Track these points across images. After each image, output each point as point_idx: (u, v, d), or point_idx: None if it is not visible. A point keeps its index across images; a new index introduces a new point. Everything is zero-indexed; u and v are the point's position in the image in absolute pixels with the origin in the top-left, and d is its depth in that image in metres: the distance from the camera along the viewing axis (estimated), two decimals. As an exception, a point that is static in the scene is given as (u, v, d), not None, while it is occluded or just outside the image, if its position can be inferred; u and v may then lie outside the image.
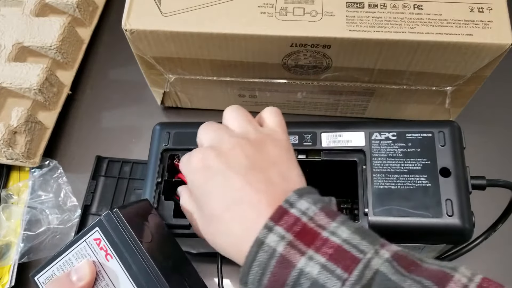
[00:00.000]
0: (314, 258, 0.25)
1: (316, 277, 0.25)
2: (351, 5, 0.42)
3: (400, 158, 0.34)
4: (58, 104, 0.56)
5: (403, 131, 0.35)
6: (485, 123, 0.54)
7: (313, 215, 0.27)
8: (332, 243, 0.26)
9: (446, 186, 0.32)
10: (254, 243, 0.26)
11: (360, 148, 0.35)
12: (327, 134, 0.36)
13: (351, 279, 0.24)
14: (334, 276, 0.24)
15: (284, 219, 0.27)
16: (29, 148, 0.52)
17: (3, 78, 0.53)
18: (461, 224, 0.31)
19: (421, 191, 0.32)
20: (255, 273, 0.26)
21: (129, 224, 0.31)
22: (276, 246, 0.26)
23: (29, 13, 0.57)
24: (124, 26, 0.42)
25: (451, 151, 0.34)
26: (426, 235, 0.32)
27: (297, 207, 0.27)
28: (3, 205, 0.53)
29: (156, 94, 0.54)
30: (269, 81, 0.49)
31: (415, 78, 0.46)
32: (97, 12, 0.64)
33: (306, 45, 0.42)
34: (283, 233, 0.26)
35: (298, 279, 0.25)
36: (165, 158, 0.39)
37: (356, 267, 0.24)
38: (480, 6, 0.41)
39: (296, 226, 0.26)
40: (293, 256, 0.26)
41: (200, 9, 0.43)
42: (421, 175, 0.33)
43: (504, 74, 0.52)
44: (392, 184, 0.33)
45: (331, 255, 0.25)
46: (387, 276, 0.24)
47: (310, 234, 0.26)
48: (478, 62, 0.42)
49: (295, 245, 0.26)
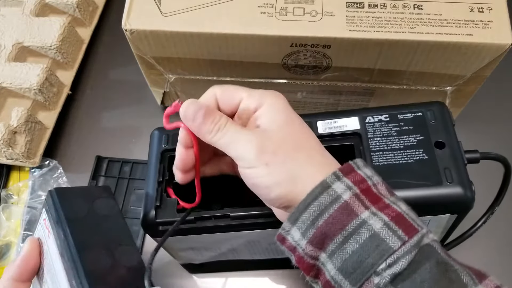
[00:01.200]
0: (377, 215, 0.26)
1: (378, 231, 0.26)
2: (351, 5, 0.42)
3: (395, 137, 0.35)
4: (58, 104, 0.56)
5: (394, 113, 0.36)
6: (485, 123, 0.54)
7: (376, 183, 0.28)
8: (395, 209, 0.27)
9: (443, 157, 0.34)
10: (319, 184, 0.27)
11: (356, 132, 0.36)
12: (322, 122, 0.37)
13: (410, 242, 0.25)
14: (395, 235, 0.25)
15: (352, 174, 0.28)
16: (29, 148, 0.52)
17: (3, 78, 0.53)
18: (462, 190, 0.32)
19: (419, 163, 0.33)
20: (312, 212, 0.27)
21: (61, 202, 0.33)
22: (342, 193, 0.27)
23: (29, 13, 0.57)
24: (124, 26, 0.42)
25: (443, 126, 0.35)
26: (430, 206, 0.33)
27: (363, 171, 0.28)
28: (3, 205, 0.53)
29: (156, 94, 0.54)
30: (269, 81, 0.49)
31: (415, 78, 0.46)
32: (97, 12, 0.64)
33: (306, 45, 0.42)
34: (350, 184, 0.27)
35: (359, 228, 0.26)
36: (165, 158, 0.39)
37: (416, 234, 0.26)
38: (480, 6, 0.41)
39: (363, 184, 0.27)
40: (358, 207, 0.26)
41: (200, 9, 0.43)
42: (417, 149, 0.34)
43: (504, 74, 0.52)
44: (391, 160, 0.34)
45: (393, 218, 0.26)
46: (437, 250, 0.26)
47: (374, 195, 0.27)
48: (478, 62, 0.42)
49: (360, 198, 0.27)
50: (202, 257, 0.42)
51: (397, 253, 0.25)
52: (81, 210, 0.34)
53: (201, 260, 0.43)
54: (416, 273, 0.25)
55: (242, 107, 0.31)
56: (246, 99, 0.31)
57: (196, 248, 0.39)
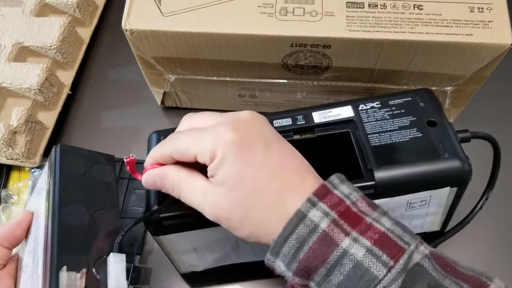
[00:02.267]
0: (359, 241, 0.25)
1: (361, 259, 0.24)
2: (351, 5, 0.42)
3: (389, 120, 0.36)
4: (58, 104, 0.56)
5: (385, 99, 0.38)
6: (485, 123, 0.54)
7: (356, 201, 0.27)
8: (377, 229, 0.25)
9: (436, 134, 0.35)
10: (295, 215, 0.26)
11: (350, 119, 0.37)
12: (318, 112, 0.38)
13: (396, 267, 0.24)
14: (379, 261, 0.24)
15: (328, 197, 0.26)
16: (29, 148, 0.52)
17: (3, 78, 0.53)
18: (459, 162, 0.33)
19: (414, 141, 0.35)
20: (291, 245, 0.26)
21: (62, 157, 0.35)
22: (320, 221, 0.25)
23: (29, 13, 0.57)
24: (124, 26, 0.42)
25: (432, 107, 0.37)
26: (430, 179, 0.34)
27: (340, 190, 0.27)
28: (3, 205, 0.53)
29: (156, 94, 0.54)
30: (269, 81, 0.49)
31: (415, 78, 0.46)
32: (97, 12, 0.64)
33: (306, 45, 0.42)
34: (327, 210, 0.26)
35: (341, 259, 0.25)
36: None
37: (402, 256, 0.24)
38: (480, 6, 0.41)
39: (340, 207, 0.26)
40: (337, 235, 0.25)
41: (200, 9, 0.43)
42: (411, 129, 0.36)
43: (504, 74, 0.52)
44: (387, 140, 0.35)
45: (377, 241, 0.25)
46: (427, 270, 0.24)
47: (354, 217, 0.26)
48: (478, 62, 0.42)
49: (339, 224, 0.25)
50: (205, 262, 0.42)
51: (383, 282, 0.24)
52: (78, 169, 0.36)
53: (203, 266, 0.42)
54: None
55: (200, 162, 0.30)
56: (199, 157, 0.29)
57: (199, 248, 0.39)
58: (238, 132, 0.28)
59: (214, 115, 0.31)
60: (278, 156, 0.28)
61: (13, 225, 0.36)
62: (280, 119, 0.37)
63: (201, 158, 0.28)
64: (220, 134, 0.28)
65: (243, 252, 0.41)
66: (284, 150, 0.29)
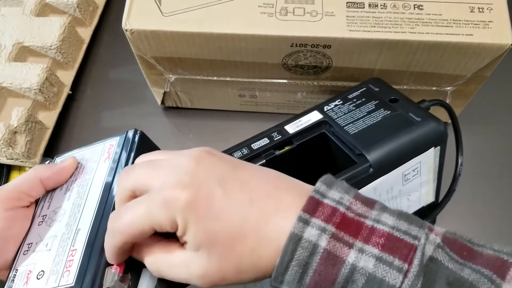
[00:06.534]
0: (365, 251, 0.23)
1: (372, 271, 0.22)
2: (351, 5, 0.42)
3: (355, 110, 0.39)
4: (58, 104, 0.56)
5: (343, 96, 0.41)
6: (485, 123, 0.54)
7: (350, 205, 0.24)
8: (381, 231, 0.23)
9: (402, 107, 0.38)
10: (289, 240, 0.23)
11: (321, 120, 0.39)
12: (290, 124, 0.39)
13: (412, 270, 0.22)
14: (393, 268, 0.22)
15: (320, 210, 0.24)
16: (29, 148, 0.52)
17: (3, 78, 0.53)
18: (433, 121, 0.36)
19: (387, 118, 0.37)
20: (294, 272, 0.23)
21: (138, 144, 0.35)
22: (318, 240, 0.23)
23: (29, 13, 0.57)
24: (124, 26, 0.42)
25: (387, 89, 0.41)
26: (415, 145, 0.36)
27: (329, 197, 0.25)
28: (3, 205, 0.53)
29: (156, 94, 0.54)
30: (269, 81, 0.49)
31: (415, 78, 0.46)
32: (97, 12, 0.64)
33: (306, 45, 0.42)
34: (322, 225, 0.23)
35: (351, 276, 0.22)
36: None
37: (415, 256, 0.22)
38: (480, 6, 0.41)
39: (335, 217, 0.24)
40: (340, 250, 0.23)
41: (200, 9, 0.43)
42: (379, 110, 0.38)
43: (504, 74, 0.52)
44: (363, 125, 0.37)
45: (384, 245, 0.23)
46: (443, 264, 0.22)
47: (353, 225, 0.24)
48: (478, 62, 0.42)
49: (340, 238, 0.23)
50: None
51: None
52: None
53: None
54: None
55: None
56: (159, 230, 0.26)
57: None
58: (188, 188, 0.25)
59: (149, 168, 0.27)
60: (240, 191, 0.25)
61: (60, 169, 0.36)
62: (258, 141, 0.38)
63: (161, 230, 0.25)
64: (171, 200, 0.25)
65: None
66: (246, 181, 0.26)
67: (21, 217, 0.34)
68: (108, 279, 0.28)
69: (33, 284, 0.30)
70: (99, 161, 0.36)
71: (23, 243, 0.34)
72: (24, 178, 0.35)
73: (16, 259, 0.33)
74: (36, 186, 0.35)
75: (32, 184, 0.34)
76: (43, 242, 0.33)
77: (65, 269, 0.30)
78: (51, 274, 0.30)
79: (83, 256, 0.30)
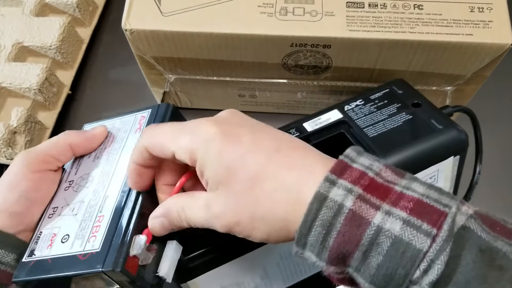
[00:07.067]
0: (392, 213, 0.22)
1: (398, 234, 0.21)
2: (351, 5, 0.42)
3: (376, 112, 0.38)
4: (58, 104, 0.56)
5: (366, 96, 0.40)
6: (485, 123, 0.54)
7: (379, 171, 0.24)
8: (410, 197, 0.22)
9: (424, 112, 0.37)
10: (314, 198, 0.23)
11: (341, 120, 0.38)
12: (308, 122, 0.38)
13: (441, 234, 0.21)
14: (420, 232, 0.21)
15: (348, 172, 0.23)
16: (29, 148, 0.52)
17: (3, 78, 0.52)
18: (455, 130, 0.35)
19: (408, 123, 0.36)
20: (317, 233, 0.23)
21: (170, 118, 0.35)
22: (344, 200, 0.22)
23: (29, 13, 0.57)
24: (124, 26, 0.42)
25: (411, 92, 0.39)
26: (434, 153, 0.35)
27: (359, 162, 0.24)
28: (3, 205, 0.53)
29: (156, 94, 0.54)
30: (269, 81, 0.49)
31: (415, 78, 0.46)
32: (97, 12, 0.64)
33: (306, 45, 0.42)
34: (349, 186, 0.23)
35: (376, 238, 0.22)
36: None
37: (445, 221, 0.21)
38: (480, 6, 0.41)
39: (364, 180, 0.23)
40: (366, 211, 0.22)
41: (200, 9, 0.43)
42: (400, 114, 0.37)
43: (504, 74, 0.52)
44: (383, 129, 0.36)
45: (413, 209, 0.22)
46: (476, 232, 0.21)
47: (381, 188, 0.23)
48: (478, 62, 0.42)
49: (366, 199, 0.22)
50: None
51: (429, 255, 0.21)
52: None
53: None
54: (458, 272, 0.21)
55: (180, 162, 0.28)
56: (178, 156, 0.26)
57: (228, 286, 0.37)
58: (220, 125, 0.26)
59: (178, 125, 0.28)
60: (269, 139, 0.26)
61: (91, 137, 0.36)
62: None
63: (180, 157, 0.26)
64: (199, 131, 0.26)
65: (272, 281, 0.39)
66: (275, 134, 0.27)
67: (48, 180, 0.34)
68: (136, 246, 0.28)
69: (57, 247, 0.30)
70: (129, 131, 0.36)
71: (49, 207, 0.33)
72: (53, 142, 0.35)
73: (41, 222, 0.32)
74: (65, 151, 0.35)
75: (61, 149, 0.34)
76: (69, 207, 0.32)
77: (91, 234, 0.29)
78: (76, 238, 0.30)
79: (111, 222, 0.29)
